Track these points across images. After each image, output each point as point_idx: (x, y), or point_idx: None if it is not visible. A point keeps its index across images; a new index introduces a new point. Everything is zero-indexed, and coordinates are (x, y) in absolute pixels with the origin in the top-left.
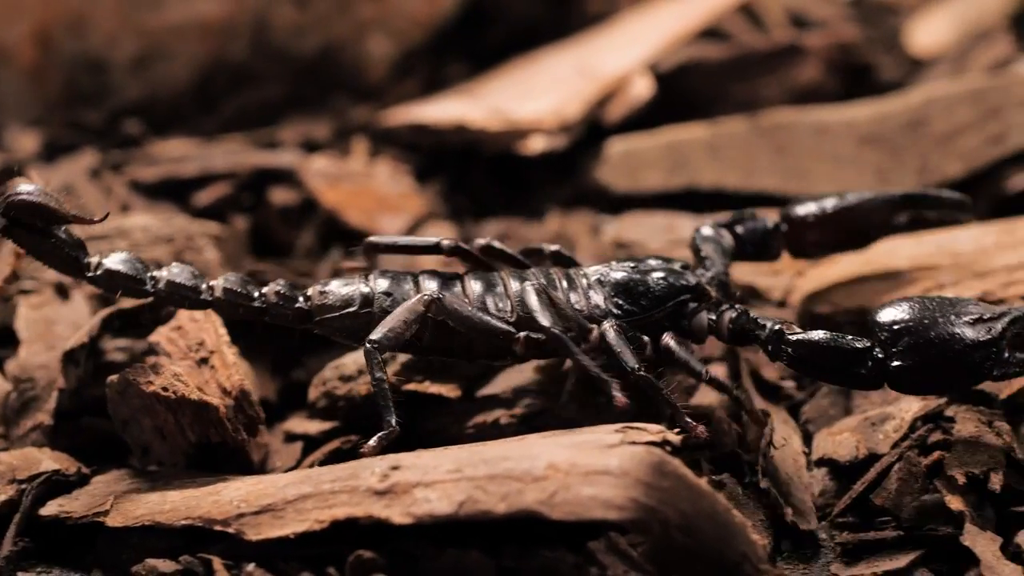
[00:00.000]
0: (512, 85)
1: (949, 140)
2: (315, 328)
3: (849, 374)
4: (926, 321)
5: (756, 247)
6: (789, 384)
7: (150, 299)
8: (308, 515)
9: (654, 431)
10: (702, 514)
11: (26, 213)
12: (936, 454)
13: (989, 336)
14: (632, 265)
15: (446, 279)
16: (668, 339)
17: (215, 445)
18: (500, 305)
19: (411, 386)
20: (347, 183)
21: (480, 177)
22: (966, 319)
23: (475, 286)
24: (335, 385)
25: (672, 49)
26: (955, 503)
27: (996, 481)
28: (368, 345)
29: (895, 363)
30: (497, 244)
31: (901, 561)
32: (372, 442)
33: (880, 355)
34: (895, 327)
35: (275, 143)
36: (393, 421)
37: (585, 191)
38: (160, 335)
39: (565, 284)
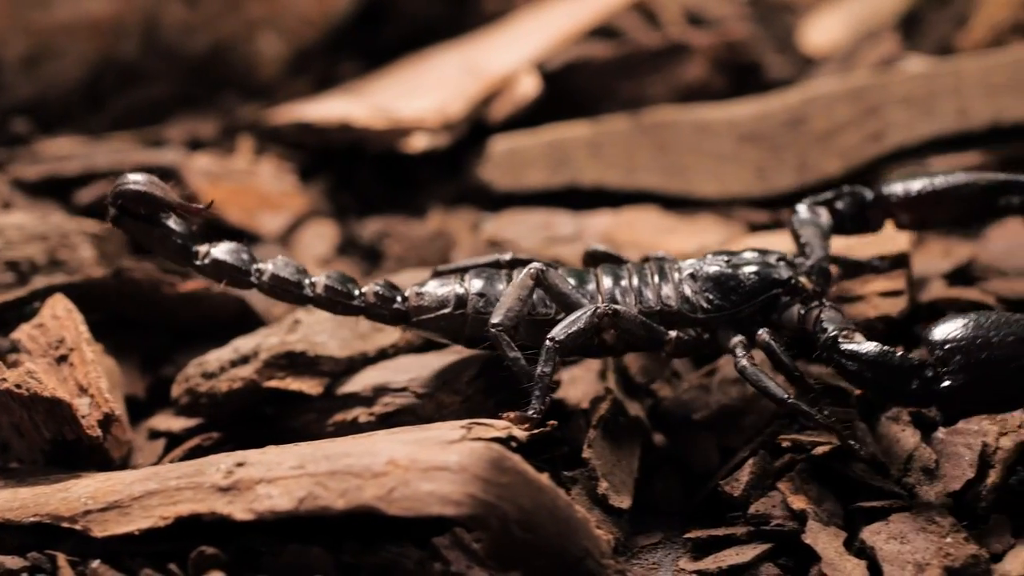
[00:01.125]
0: (399, 84)
1: (829, 138)
2: (413, 327)
3: (897, 390)
4: (980, 339)
5: (856, 221)
6: (652, 385)
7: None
8: (153, 512)
9: (500, 427)
10: (542, 510)
11: (134, 202)
12: (787, 456)
13: None
14: (726, 259)
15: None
16: (764, 335)
17: (71, 443)
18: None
19: (272, 383)
20: (229, 181)
21: (366, 175)
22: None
23: (569, 283)
24: (197, 382)
25: (561, 48)
26: (797, 502)
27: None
28: (493, 329)
29: (946, 382)
30: (601, 247)
31: (747, 555)
32: (514, 414)
33: (931, 374)
34: (948, 345)
35: (161, 141)
36: (541, 405)
37: (469, 189)
38: (22, 332)
39: (657, 278)
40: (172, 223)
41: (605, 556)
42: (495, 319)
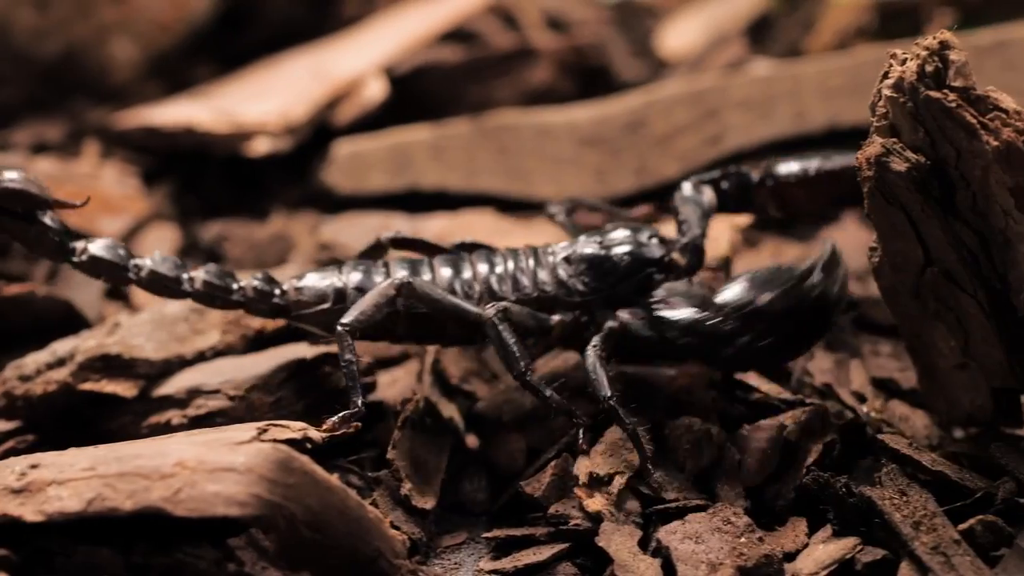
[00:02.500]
0: (247, 88)
1: (668, 141)
2: (293, 321)
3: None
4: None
5: (740, 201)
6: (468, 386)
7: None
8: None
9: (295, 428)
10: (331, 510)
11: (10, 200)
12: (586, 460)
13: None
14: (598, 240)
15: (416, 265)
16: (625, 315)
17: None
18: (468, 289)
19: (87, 385)
20: (71, 184)
21: (212, 178)
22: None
23: (444, 271)
24: (14, 385)
25: (412, 52)
26: (593, 504)
27: (618, 484)
28: (339, 328)
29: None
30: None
31: (544, 555)
32: (335, 419)
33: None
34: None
35: (5, 145)
36: (359, 402)
37: (313, 192)
38: None
39: (532, 263)
40: (48, 220)
41: (399, 556)
42: (346, 319)
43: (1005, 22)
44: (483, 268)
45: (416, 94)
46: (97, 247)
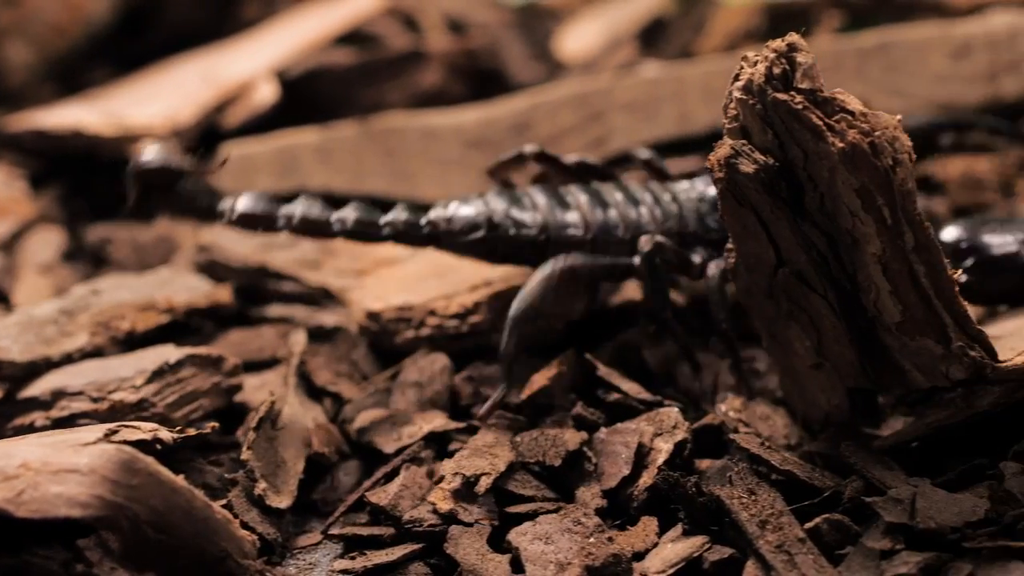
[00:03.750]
0: (138, 91)
1: (553, 143)
2: (445, 249)
3: None
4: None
5: None
6: (336, 387)
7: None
8: None
9: (146, 429)
10: (176, 511)
11: (155, 177)
12: (444, 462)
13: None
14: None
15: (563, 198)
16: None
17: None
18: (613, 225)
19: None
20: None
21: (101, 181)
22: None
23: (589, 205)
24: None
25: (306, 55)
26: (444, 505)
27: (484, 484)
28: (510, 322)
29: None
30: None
31: (395, 555)
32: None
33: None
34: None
35: None
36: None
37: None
38: None
39: (670, 198)
40: (193, 183)
41: (247, 556)
42: (513, 311)
43: (892, 24)
44: (625, 202)
45: (308, 97)
46: (244, 204)
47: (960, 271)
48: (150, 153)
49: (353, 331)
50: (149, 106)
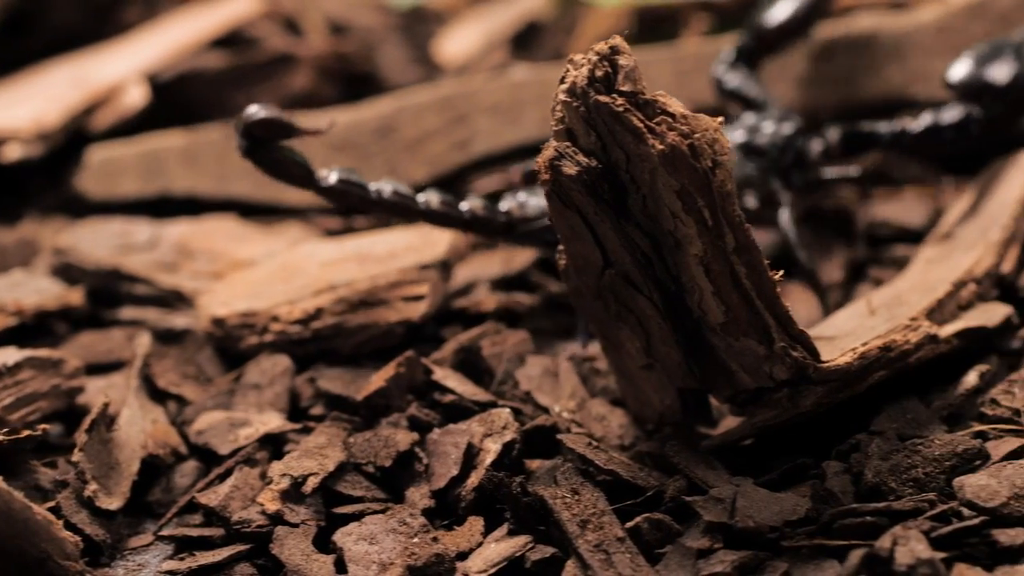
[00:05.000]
0: (8, 94)
1: (417, 146)
2: (516, 239)
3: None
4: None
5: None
6: (178, 389)
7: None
8: None
9: None
10: None
11: (264, 130)
12: (273, 464)
13: None
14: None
15: None
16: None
17: None
18: None
19: None
20: None
21: None
22: None
23: None
24: None
25: (180, 58)
26: (272, 506)
27: (311, 484)
28: None
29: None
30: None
31: (222, 555)
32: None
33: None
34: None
35: None
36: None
37: (66, 198)
38: None
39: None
40: (294, 149)
41: (69, 558)
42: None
43: None
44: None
45: (180, 100)
46: (340, 173)
47: (780, 272)
48: (256, 107)
49: (201, 334)
50: (16, 109)
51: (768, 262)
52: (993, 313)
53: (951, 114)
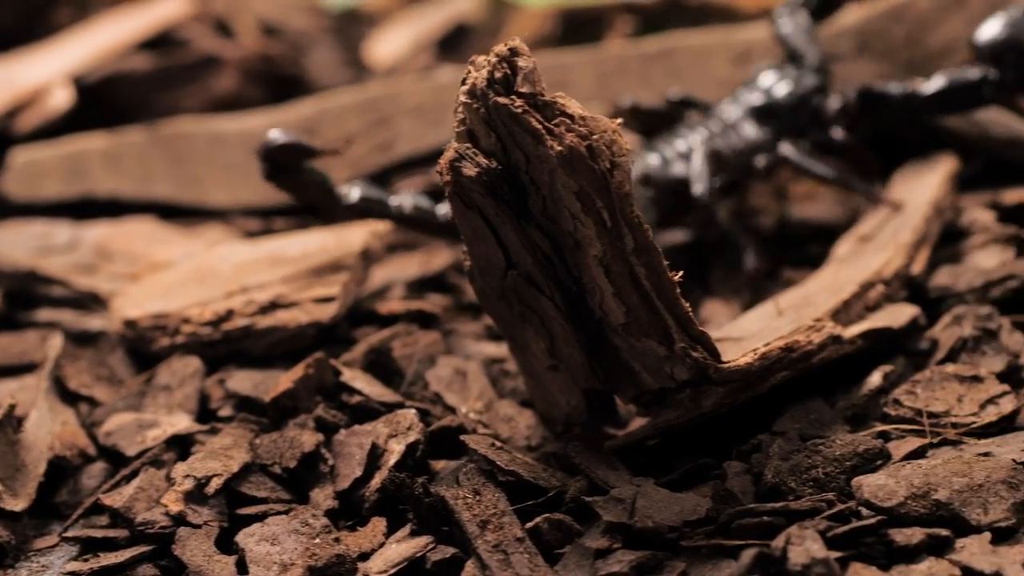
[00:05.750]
0: None
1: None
2: None
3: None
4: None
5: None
6: (89, 391)
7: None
8: None
9: None
10: None
11: (285, 155)
12: (177, 465)
13: None
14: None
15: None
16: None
17: None
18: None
19: None
20: None
21: None
22: None
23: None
24: None
25: (107, 60)
26: (175, 507)
27: (214, 485)
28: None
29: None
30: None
31: (124, 556)
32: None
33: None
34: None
35: None
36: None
37: None
38: None
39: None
40: (314, 170)
41: None
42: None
43: (684, 29)
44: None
45: (105, 102)
46: (360, 190)
47: (680, 273)
48: (277, 133)
49: (115, 336)
50: None
51: (667, 263)
52: (899, 314)
53: (965, 76)
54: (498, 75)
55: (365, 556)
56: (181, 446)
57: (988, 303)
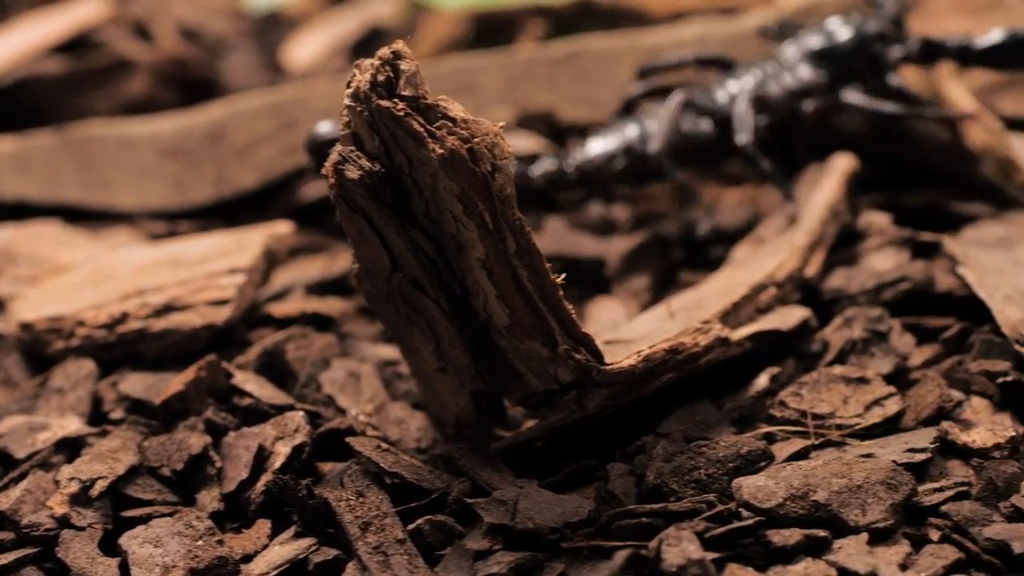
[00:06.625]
0: None
1: (247, 151)
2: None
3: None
4: None
5: None
6: None
7: None
8: None
9: None
10: None
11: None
12: (63, 467)
13: None
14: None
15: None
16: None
17: None
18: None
19: None
20: None
21: None
22: None
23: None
24: None
25: (22, 63)
26: (60, 509)
27: (99, 488)
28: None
29: None
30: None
31: (9, 558)
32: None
33: None
34: None
35: None
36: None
37: None
38: None
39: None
40: None
41: None
42: (655, 150)
43: (595, 32)
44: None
45: (17, 106)
46: None
47: (562, 276)
48: (324, 126)
49: (11, 339)
50: None
51: (550, 265)
52: (789, 316)
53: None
54: (381, 78)
55: (248, 558)
56: (71, 449)
57: (880, 305)
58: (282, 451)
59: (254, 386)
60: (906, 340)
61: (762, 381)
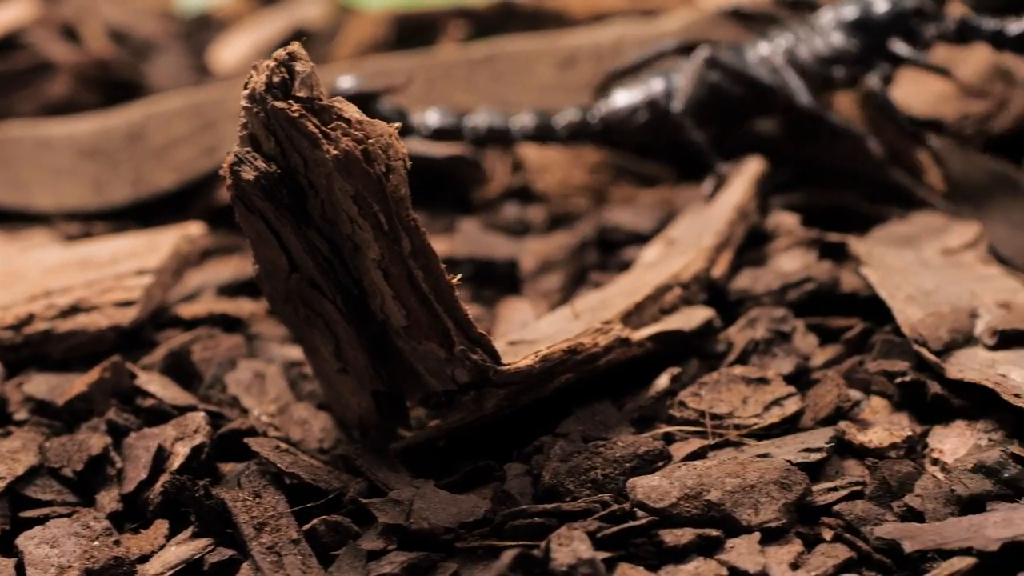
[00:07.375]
0: None
1: (165, 152)
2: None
3: None
4: None
5: None
6: None
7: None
8: None
9: None
10: None
11: (354, 102)
12: None
13: None
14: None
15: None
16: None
17: None
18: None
19: None
20: None
21: None
22: None
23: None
24: None
25: None
26: None
27: None
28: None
29: None
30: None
31: None
32: (707, 185)
33: None
34: None
35: None
36: (723, 168)
37: None
38: None
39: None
40: (385, 107)
41: None
42: (677, 109)
43: (516, 34)
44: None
45: None
46: (432, 119)
47: (458, 276)
48: (345, 81)
49: None
50: None
51: (445, 266)
52: (692, 317)
53: None
54: (276, 79)
55: (145, 558)
56: None
57: (785, 306)
58: (181, 452)
59: (157, 387)
60: (809, 340)
61: (663, 381)
